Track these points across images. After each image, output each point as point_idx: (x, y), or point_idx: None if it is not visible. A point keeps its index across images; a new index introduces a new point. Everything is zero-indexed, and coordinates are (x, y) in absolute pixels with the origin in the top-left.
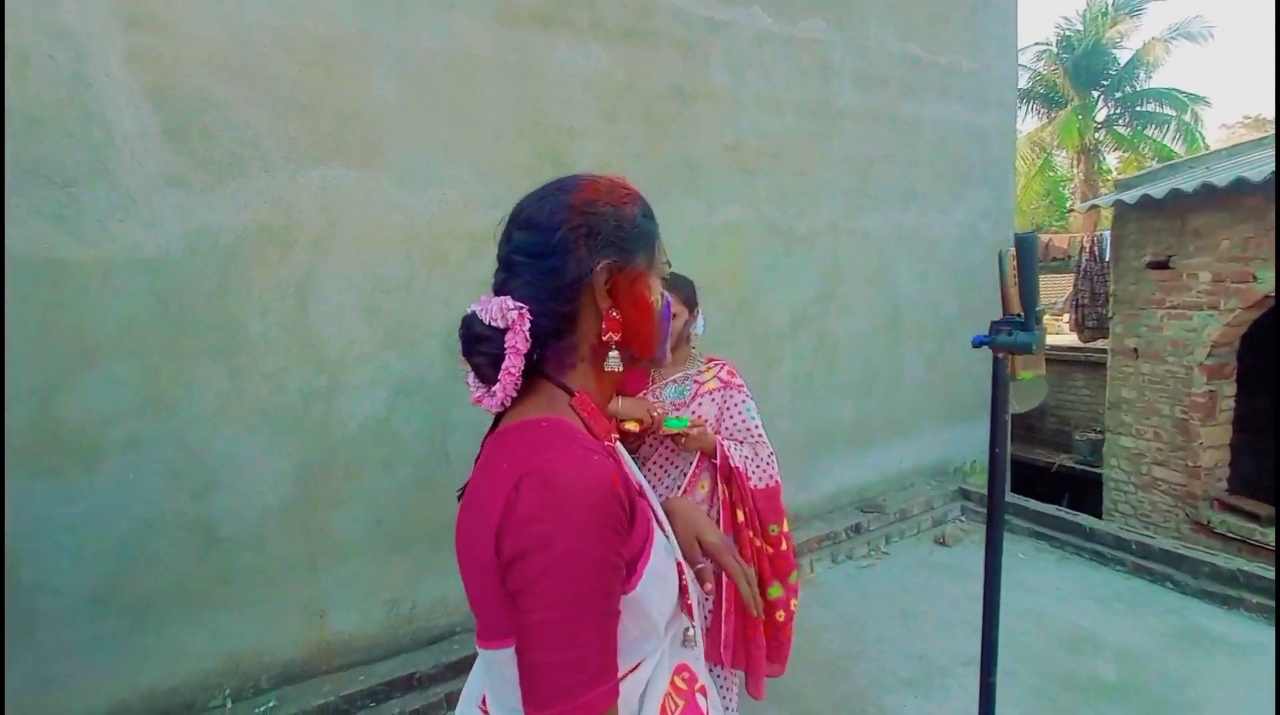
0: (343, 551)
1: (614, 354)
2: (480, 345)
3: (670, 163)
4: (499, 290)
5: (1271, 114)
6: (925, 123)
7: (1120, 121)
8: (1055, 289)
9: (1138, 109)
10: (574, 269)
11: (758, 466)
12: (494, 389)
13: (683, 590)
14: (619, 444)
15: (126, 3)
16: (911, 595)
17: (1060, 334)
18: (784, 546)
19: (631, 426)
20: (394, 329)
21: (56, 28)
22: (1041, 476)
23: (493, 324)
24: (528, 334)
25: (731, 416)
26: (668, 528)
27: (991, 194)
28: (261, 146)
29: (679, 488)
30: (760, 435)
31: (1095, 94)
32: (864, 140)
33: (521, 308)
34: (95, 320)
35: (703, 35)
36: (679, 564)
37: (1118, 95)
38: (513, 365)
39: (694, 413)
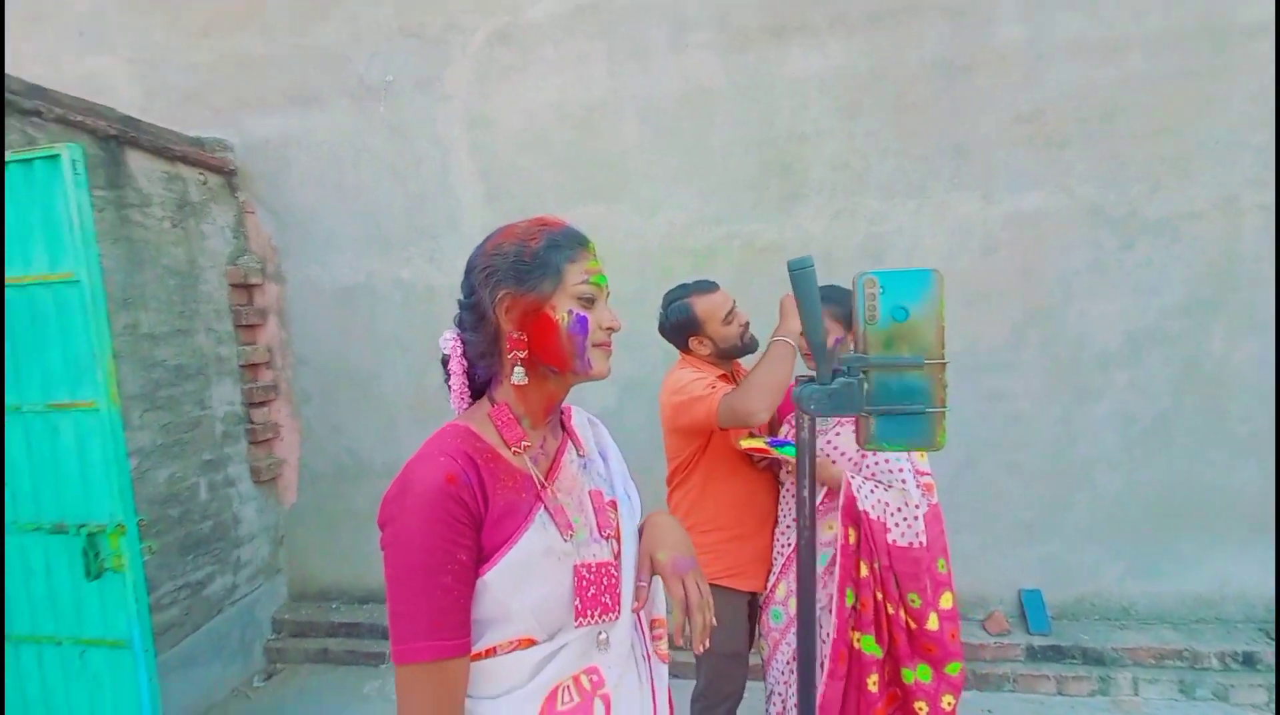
0: None
1: (518, 369)
2: (444, 367)
3: (929, 152)
4: (456, 325)
5: None
6: None
7: None
8: None
9: None
10: (483, 303)
11: (902, 519)
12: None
13: (581, 592)
14: (527, 456)
15: (470, 111)
16: None
17: None
18: (933, 626)
19: (749, 443)
20: (627, 335)
21: (436, 137)
22: None
23: (444, 352)
24: (462, 357)
25: (875, 453)
26: (617, 536)
27: None
28: (543, 196)
29: None
30: (906, 481)
31: None
32: None
33: (454, 338)
34: (445, 326)
35: None
36: (583, 568)
37: None
38: (453, 382)
39: (828, 442)
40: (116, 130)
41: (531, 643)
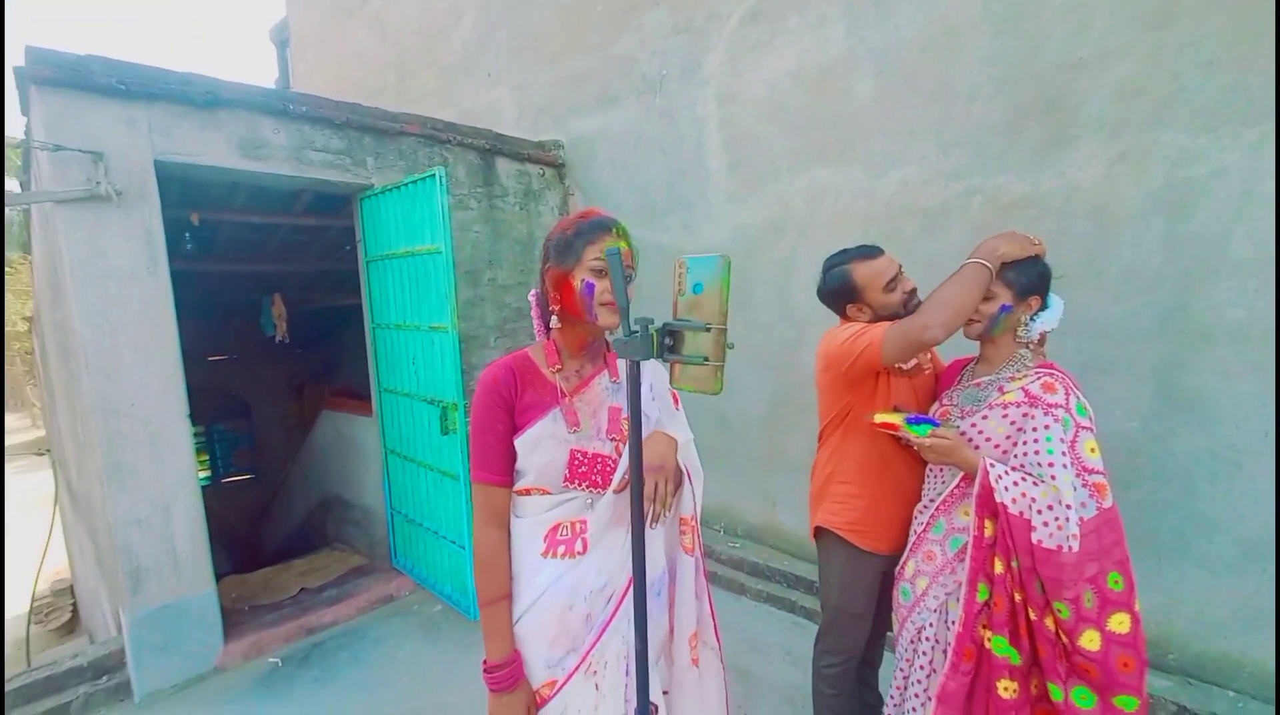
0: (791, 465)
1: (554, 318)
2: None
3: None
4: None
5: None
6: None
7: None
8: None
9: None
10: (541, 273)
11: (1052, 517)
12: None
13: (572, 467)
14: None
15: (721, 89)
16: None
17: None
18: (1090, 645)
19: (883, 417)
20: None
21: (694, 118)
22: None
23: (530, 301)
24: (536, 305)
25: (1026, 442)
26: (623, 440)
27: None
28: (775, 162)
29: (938, 502)
30: (1057, 476)
31: None
32: None
33: (534, 293)
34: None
35: None
36: (578, 452)
37: None
38: (536, 322)
39: (973, 425)
40: (490, 145)
41: (547, 492)
